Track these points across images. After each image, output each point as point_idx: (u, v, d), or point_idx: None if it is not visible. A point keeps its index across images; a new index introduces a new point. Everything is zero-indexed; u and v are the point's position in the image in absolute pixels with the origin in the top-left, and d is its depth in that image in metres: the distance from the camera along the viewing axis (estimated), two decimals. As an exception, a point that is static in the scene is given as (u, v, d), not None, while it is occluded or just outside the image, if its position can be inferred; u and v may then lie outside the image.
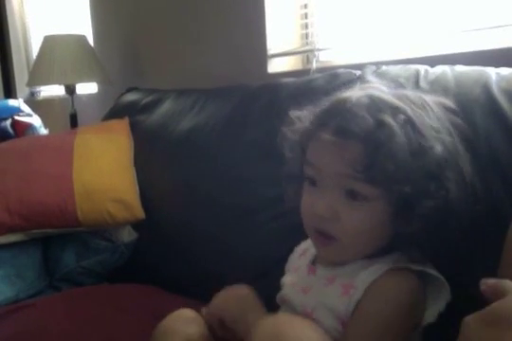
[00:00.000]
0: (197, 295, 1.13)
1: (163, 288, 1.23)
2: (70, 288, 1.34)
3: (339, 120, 0.68)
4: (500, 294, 0.49)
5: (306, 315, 0.72)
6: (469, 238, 0.72)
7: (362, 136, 0.65)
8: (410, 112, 0.68)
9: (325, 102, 0.75)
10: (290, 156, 0.77)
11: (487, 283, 0.50)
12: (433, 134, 0.68)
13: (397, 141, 0.65)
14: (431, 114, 0.71)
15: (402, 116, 0.67)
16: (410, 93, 0.74)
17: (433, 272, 0.70)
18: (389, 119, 0.66)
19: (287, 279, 0.82)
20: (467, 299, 0.53)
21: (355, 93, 0.72)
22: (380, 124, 0.66)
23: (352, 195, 0.68)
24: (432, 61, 1.03)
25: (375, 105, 0.68)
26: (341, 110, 0.69)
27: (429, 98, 0.74)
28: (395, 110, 0.68)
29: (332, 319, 0.70)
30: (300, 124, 0.76)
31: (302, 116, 0.77)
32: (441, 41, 1.21)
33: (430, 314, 0.70)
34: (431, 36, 1.23)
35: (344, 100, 0.70)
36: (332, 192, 0.69)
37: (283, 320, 0.67)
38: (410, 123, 0.67)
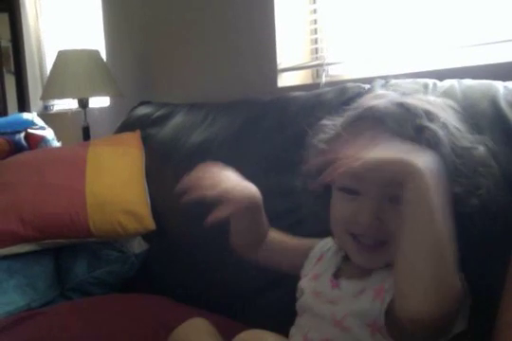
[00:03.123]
0: (207, 305, 1.14)
1: (173, 298, 1.24)
2: (81, 298, 1.35)
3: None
4: None
5: (336, 324, 0.72)
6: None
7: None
8: (441, 115, 0.71)
9: (347, 112, 0.77)
10: (313, 166, 0.75)
11: None
12: (466, 135, 0.70)
13: (443, 144, 0.67)
14: (454, 115, 0.73)
15: (439, 120, 0.69)
16: (426, 97, 0.76)
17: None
18: (429, 124, 0.68)
19: (307, 288, 0.80)
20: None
21: (377, 101, 0.73)
22: (422, 129, 0.67)
23: (396, 200, 0.67)
24: (441, 74, 1.04)
25: (409, 111, 0.69)
26: (373, 118, 0.70)
27: (441, 101, 0.76)
28: (430, 115, 0.70)
29: (362, 327, 0.69)
30: (324, 135, 0.77)
31: (325, 127, 0.78)
32: (449, 55, 1.22)
33: (462, 321, 0.67)
34: (440, 50, 1.24)
35: (370, 108, 0.72)
36: (375, 200, 0.69)
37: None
38: (445, 126, 0.69)
